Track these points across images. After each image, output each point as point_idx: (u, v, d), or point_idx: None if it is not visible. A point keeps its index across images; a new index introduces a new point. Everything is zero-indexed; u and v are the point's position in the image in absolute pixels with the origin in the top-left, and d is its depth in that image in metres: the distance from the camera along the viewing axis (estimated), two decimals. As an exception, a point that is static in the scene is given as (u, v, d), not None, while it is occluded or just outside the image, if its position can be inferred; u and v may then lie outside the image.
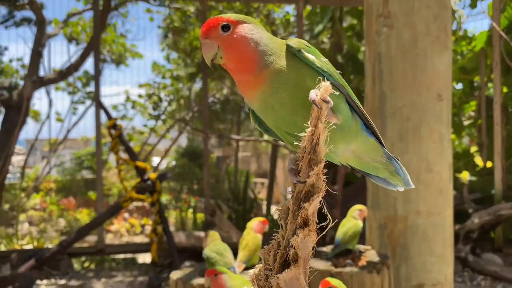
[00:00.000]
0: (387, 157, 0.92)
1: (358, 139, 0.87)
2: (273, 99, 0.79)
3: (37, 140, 9.43)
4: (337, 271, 1.94)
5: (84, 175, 9.89)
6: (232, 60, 0.80)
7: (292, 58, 0.80)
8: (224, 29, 0.79)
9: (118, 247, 5.37)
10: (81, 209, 8.22)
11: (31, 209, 8.21)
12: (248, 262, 2.07)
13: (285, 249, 0.63)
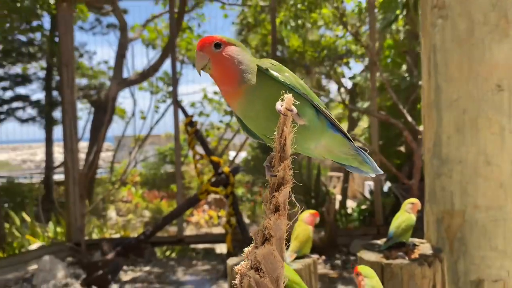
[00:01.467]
0: (354, 149, 1.08)
1: (325, 135, 1.04)
2: (250, 109, 0.98)
3: (123, 137, 10.18)
4: (387, 263, 1.95)
5: (167, 169, 10.46)
6: (218, 72, 0.98)
7: (264, 76, 0.97)
8: (216, 46, 0.96)
9: (197, 237, 5.64)
10: (164, 201, 8.74)
11: (119, 201, 8.91)
12: (299, 252, 2.18)
13: (265, 230, 0.75)
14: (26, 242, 5.49)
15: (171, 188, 9.47)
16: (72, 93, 5.21)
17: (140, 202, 8.67)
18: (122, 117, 9.50)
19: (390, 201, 5.44)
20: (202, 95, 9.24)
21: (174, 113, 5.34)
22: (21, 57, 7.74)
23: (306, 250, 2.22)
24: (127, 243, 4.47)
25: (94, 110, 7.35)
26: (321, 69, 6.54)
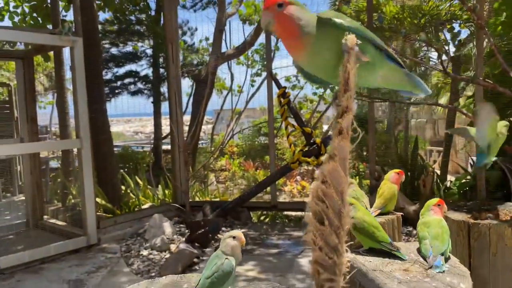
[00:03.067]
0: (407, 75, 1.26)
1: (384, 67, 1.19)
2: (315, 57, 1.12)
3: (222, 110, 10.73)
4: (475, 222, 1.91)
5: (261, 140, 10.83)
6: (280, 28, 1.12)
7: (326, 26, 1.10)
8: (279, 6, 1.10)
9: (289, 204, 5.86)
10: (259, 170, 9.13)
11: (218, 170, 9.51)
12: (383, 209, 2.26)
13: (331, 150, 0.87)
14: (139, 202, 6.20)
15: (265, 159, 9.82)
16: (176, 68, 5.65)
17: (237, 171, 9.16)
18: (221, 91, 10.00)
19: (495, 175, 5.07)
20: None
21: (268, 86, 5.52)
22: (132, 36, 8.52)
23: (390, 207, 2.31)
24: (226, 206, 4.84)
25: (195, 84, 7.87)
26: (421, 36, 6.17)
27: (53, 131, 14.25)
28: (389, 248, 1.82)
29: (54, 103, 11.07)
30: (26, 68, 5.52)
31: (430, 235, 1.78)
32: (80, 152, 4.76)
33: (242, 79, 14.74)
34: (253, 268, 4.06)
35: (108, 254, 4.59)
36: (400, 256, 1.81)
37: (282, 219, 6.03)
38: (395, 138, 9.13)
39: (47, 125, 15.26)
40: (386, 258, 1.80)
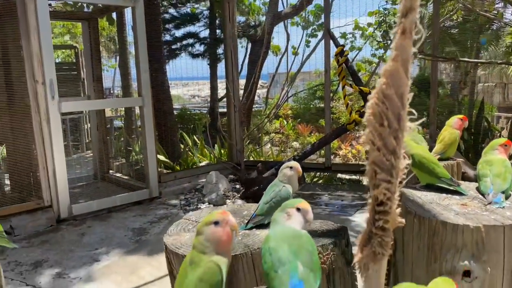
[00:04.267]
0: None
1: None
2: None
3: (276, 73, 10.66)
4: None
5: (316, 104, 10.70)
6: None
7: None
8: None
9: (343, 166, 5.82)
10: (313, 134, 9.08)
11: (272, 132, 9.57)
12: (443, 154, 2.19)
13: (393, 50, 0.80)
14: (197, 160, 6.44)
15: (320, 123, 9.73)
16: (233, 27, 5.65)
17: (291, 134, 9.18)
18: (276, 53, 9.91)
19: None
20: (354, 27, 8.96)
21: (325, 45, 5.39)
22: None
23: (450, 153, 2.25)
24: (280, 165, 4.90)
25: (251, 45, 7.86)
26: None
27: (115, 93, 14.95)
28: (448, 184, 1.76)
29: (117, 66, 11.54)
30: (92, 29, 5.77)
31: (492, 173, 1.69)
32: (142, 110, 4.98)
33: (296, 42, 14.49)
34: (306, 225, 4.13)
35: (168, 207, 4.86)
36: (460, 191, 1.74)
37: (336, 182, 6.03)
38: (459, 102, 8.66)
39: (110, 87, 16.03)
40: (444, 193, 1.76)
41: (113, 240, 3.92)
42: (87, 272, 3.29)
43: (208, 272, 1.00)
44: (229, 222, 1.07)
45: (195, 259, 1.03)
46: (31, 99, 4.25)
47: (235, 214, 1.65)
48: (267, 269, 1.09)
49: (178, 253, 1.29)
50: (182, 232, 1.48)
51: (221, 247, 1.04)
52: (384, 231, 0.74)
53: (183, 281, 1.00)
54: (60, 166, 4.34)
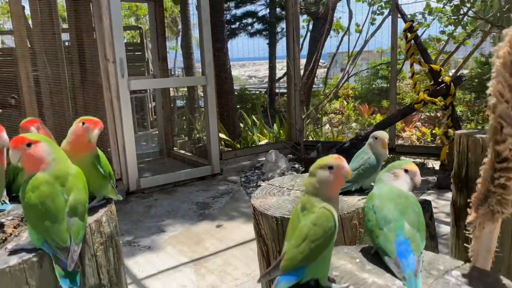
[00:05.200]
0: None
1: None
2: None
3: (337, 53, 10.38)
4: None
5: (379, 84, 10.34)
6: None
7: None
8: None
9: (408, 147, 5.60)
10: (375, 115, 8.80)
11: (331, 113, 9.40)
12: None
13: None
14: (256, 139, 6.49)
15: (382, 104, 9.40)
16: (295, 4, 5.56)
17: (351, 114, 8.96)
18: (338, 31, 9.63)
19: None
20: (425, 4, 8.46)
21: (392, 21, 5.16)
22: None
23: None
24: (341, 145, 4.82)
25: (313, 22, 7.70)
26: None
27: (177, 74, 15.35)
28: None
29: (179, 47, 11.81)
30: (157, 9, 5.92)
31: None
32: (205, 89, 5.08)
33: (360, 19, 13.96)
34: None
35: (229, 183, 4.97)
36: None
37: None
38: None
39: (171, 68, 16.48)
40: None
41: (178, 213, 4.09)
42: (155, 241, 3.47)
43: (321, 217, 0.98)
44: (343, 169, 1.03)
45: (307, 205, 1.01)
46: (103, 77, 4.47)
47: None
48: (371, 227, 1.10)
49: (267, 214, 1.36)
50: (267, 195, 1.55)
51: (331, 191, 1.02)
52: (505, 189, 0.70)
53: (296, 227, 1.00)
54: (129, 141, 4.56)
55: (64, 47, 4.91)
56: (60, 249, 1.05)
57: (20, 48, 4.23)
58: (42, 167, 1.08)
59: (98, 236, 1.20)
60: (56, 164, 1.10)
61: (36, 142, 1.07)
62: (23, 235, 1.20)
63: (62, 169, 1.10)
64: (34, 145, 1.07)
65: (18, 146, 1.06)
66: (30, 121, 1.41)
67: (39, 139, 1.09)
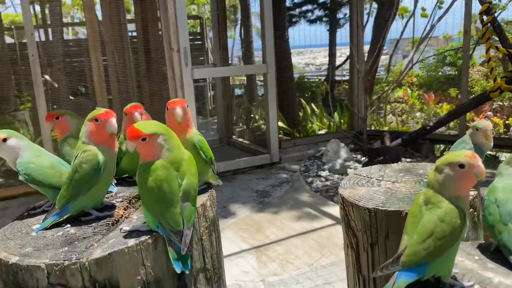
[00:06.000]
0: None
1: None
2: None
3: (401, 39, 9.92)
4: None
5: (446, 71, 9.78)
6: None
7: None
8: None
9: (480, 139, 5.23)
10: (441, 104, 8.34)
11: (394, 101, 9.03)
12: None
13: None
14: (316, 128, 6.39)
15: (450, 92, 8.88)
16: (359, -12, 5.36)
17: (416, 103, 8.55)
18: (403, 16, 9.20)
19: None
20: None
21: (465, 3, 4.82)
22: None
23: None
24: (408, 135, 4.61)
25: (378, 7, 7.39)
26: None
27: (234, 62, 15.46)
28: None
29: (237, 36, 11.87)
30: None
31: None
32: (265, 77, 5.05)
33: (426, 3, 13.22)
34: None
35: (288, 172, 4.93)
36: None
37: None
38: None
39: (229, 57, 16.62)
40: None
41: (239, 200, 4.12)
42: (217, 228, 3.52)
43: (450, 213, 0.92)
44: (476, 168, 0.94)
45: (432, 199, 0.95)
46: (168, 66, 4.58)
47: (409, 172, 1.62)
48: (493, 222, 1.04)
49: (359, 205, 1.34)
50: (356, 186, 1.52)
51: (460, 191, 0.95)
52: None
53: (418, 221, 0.95)
54: (192, 128, 4.65)
55: (130, 37, 5.08)
56: (173, 232, 1.07)
57: (92, 39, 4.43)
58: (157, 157, 1.11)
59: (203, 221, 1.22)
60: (171, 152, 1.12)
61: (150, 136, 1.09)
62: (133, 217, 1.24)
63: (177, 155, 1.12)
64: (149, 139, 1.09)
65: (134, 139, 1.09)
66: (134, 106, 1.46)
67: (153, 132, 1.10)
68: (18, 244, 1.11)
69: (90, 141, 1.20)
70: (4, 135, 1.28)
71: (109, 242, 1.08)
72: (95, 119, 1.19)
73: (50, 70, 5.21)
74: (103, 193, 1.26)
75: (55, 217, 1.20)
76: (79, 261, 0.99)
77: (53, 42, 4.96)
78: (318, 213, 3.77)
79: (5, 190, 4.34)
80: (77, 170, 1.18)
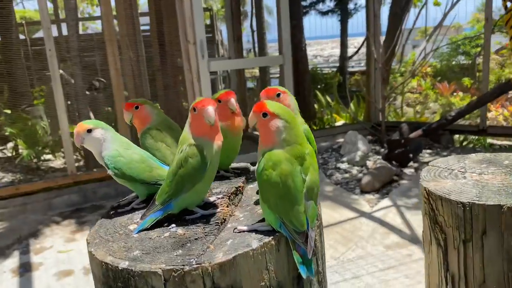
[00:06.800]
0: None
1: None
2: None
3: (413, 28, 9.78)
4: None
5: (460, 60, 9.65)
6: None
7: None
8: None
9: (502, 129, 5.16)
10: (456, 94, 8.23)
11: (408, 92, 8.92)
12: None
13: None
14: (332, 120, 6.33)
15: (463, 81, 8.76)
16: (377, -23, 5.26)
17: (430, 93, 8.44)
18: (415, 4, 9.04)
19: None
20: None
21: (487, -11, 4.72)
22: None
23: None
24: (429, 126, 4.53)
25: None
26: None
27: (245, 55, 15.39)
28: None
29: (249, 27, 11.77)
30: (232, -11, 5.88)
31: None
32: (282, 68, 4.99)
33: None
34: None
35: (307, 165, 4.88)
36: None
37: (486, 146, 5.39)
38: None
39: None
40: None
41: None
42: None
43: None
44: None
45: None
46: (184, 59, 4.53)
47: (493, 163, 1.51)
48: None
49: (451, 199, 1.24)
50: (439, 178, 1.40)
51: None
52: None
53: None
54: (209, 122, 4.61)
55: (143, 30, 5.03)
56: (297, 233, 0.98)
57: (107, 32, 4.39)
58: (272, 143, 1.02)
59: (316, 220, 1.11)
60: (290, 144, 1.03)
61: (272, 115, 1.02)
62: (238, 215, 1.15)
63: (300, 148, 1.03)
64: (270, 117, 1.02)
65: (257, 112, 1.02)
66: (227, 93, 1.37)
67: (276, 113, 1.02)
68: (123, 246, 1.01)
69: (191, 133, 1.11)
70: (90, 125, 1.21)
71: (226, 243, 0.98)
72: (193, 108, 1.09)
73: (65, 65, 5.19)
74: (206, 190, 1.17)
75: (155, 215, 1.10)
76: (200, 266, 0.89)
77: (68, 36, 4.93)
78: (341, 206, 3.73)
79: (24, 185, 4.34)
80: (181, 164, 1.08)
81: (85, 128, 1.20)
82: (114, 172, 1.20)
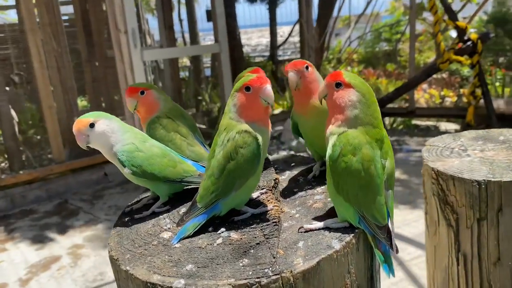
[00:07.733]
0: None
1: None
2: None
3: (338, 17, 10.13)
4: None
5: (382, 47, 10.17)
6: None
7: None
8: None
9: (429, 110, 5.53)
10: (381, 79, 8.68)
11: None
12: None
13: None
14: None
15: (387, 67, 9.26)
16: (308, -35, 5.33)
17: (357, 79, 8.82)
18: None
19: None
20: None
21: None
22: None
23: None
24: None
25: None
26: None
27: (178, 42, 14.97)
28: None
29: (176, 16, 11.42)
30: (161, -25, 5.64)
31: None
32: (219, 56, 4.90)
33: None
34: (398, 170, 4.00)
35: (249, 154, 4.87)
36: None
37: (412, 128, 5.75)
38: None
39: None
40: None
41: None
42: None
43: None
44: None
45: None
46: (115, 48, 4.27)
47: (488, 140, 1.49)
48: None
49: (464, 177, 1.20)
50: (442, 157, 1.35)
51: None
52: None
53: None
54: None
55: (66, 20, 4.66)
56: (379, 228, 0.85)
57: (29, 22, 3.99)
58: (342, 119, 0.88)
59: None
60: (364, 124, 0.88)
61: (347, 85, 0.88)
62: (290, 211, 0.99)
63: (378, 130, 0.88)
64: (344, 88, 0.88)
65: (330, 82, 0.89)
66: (256, 69, 1.20)
67: (351, 83, 0.88)
68: (168, 261, 0.83)
69: (240, 117, 0.91)
70: (90, 119, 0.98)
71: (298, 246, 0.83)
72: (245, 87, 0.90)
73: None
74: (256, 185, 0.98)
75: (198, 219, 0.91)
76: (280, 276, 0.75)
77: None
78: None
79: None
80: (231, 157, 0.89)
81: (86, 123, 0.98)
82: (132, 170, 1.00)
